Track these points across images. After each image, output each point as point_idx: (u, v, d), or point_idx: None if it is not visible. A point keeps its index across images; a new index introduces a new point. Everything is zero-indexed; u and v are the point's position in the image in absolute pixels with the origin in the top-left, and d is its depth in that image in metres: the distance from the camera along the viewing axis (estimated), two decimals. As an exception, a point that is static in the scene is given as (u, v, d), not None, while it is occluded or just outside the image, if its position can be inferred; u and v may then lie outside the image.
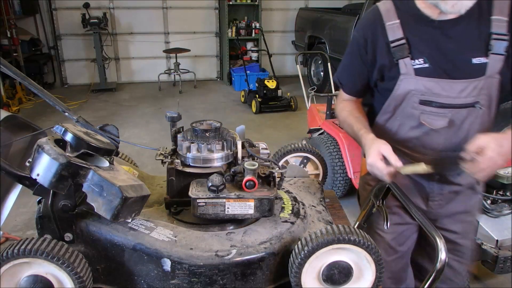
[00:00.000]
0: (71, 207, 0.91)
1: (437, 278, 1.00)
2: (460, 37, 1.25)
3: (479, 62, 1.24)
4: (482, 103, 1.27)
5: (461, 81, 1.25)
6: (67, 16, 7.09)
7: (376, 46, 1.34)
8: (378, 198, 1.33)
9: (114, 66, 7.59)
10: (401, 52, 1.29)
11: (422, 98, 1.29)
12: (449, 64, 1.27)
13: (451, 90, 1.26)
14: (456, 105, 1.27)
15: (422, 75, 1.28)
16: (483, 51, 1.24)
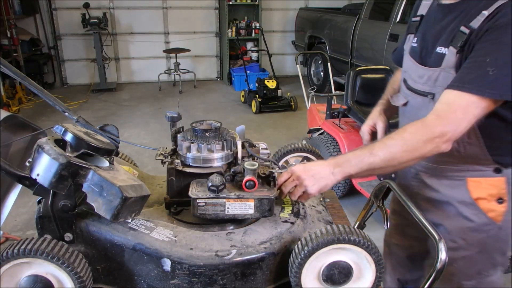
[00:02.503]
0: (71, 207, 0.91)
1: (437, 278, 1.00)
2: (444, 24, 1.19)
3: (439, 52, 1.16)
4: (436, 97, 1.16)
5: (422, 67, 1.22)
6: (67, 16, 7.09)
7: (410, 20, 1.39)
8: (378, 198, 1.33)
9: (114, 66, 7.58)
10: (413, 28, 1.34)
11: (404, 75, 1.34)
12: (425, 48, 1.25)
13: (415, 73, 1.26)
14: (414, 89, 1.25)
15: (410, 54, 1.31)
16: (448, 42, 1.14)
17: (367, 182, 3.23)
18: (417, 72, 1.24)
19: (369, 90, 3.40)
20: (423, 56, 1.25)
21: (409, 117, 1.29)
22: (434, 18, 1.26)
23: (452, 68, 1.13)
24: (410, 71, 1.29)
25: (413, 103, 1.28)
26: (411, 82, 1.28)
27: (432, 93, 1.19)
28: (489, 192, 1.19)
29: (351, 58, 5.55)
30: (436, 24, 1.22)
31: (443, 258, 0.98)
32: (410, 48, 1.32)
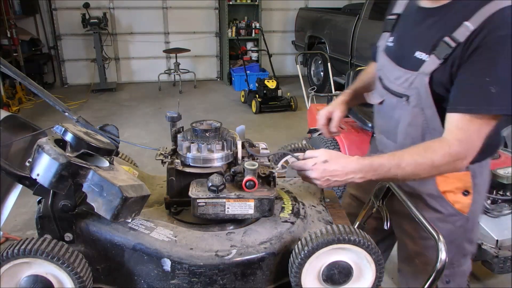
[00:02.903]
0: (71, 207, 0.91)
1: (437, 278, 1.00)
2: (423, 29, 1.21)
3: (419, 57, 1.19)
4: (410, 99, 1.21)
5: (399, 69, 1.25)
6: (67, 16, 7.09)
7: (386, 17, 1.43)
8: (378, 198, 1.33)
9: (114, 66, 7.58)
10: (388, 26, 1.37)
11: (379, 73, 1.36)
12: (401, 50, 1.28)
13: (391, 73, 1.28)
14: (390, 89, 1.29)
15: (386, 52, 1.34)
16: (429, 49, 1.17)
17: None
18: (394, 73, 1.27)
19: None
20: (400, 58, 1.27)
21: (384, 116, 1.36)
22: (412, 20, 1.27)
23: (427, 75, 1.16)
24: (386, 70, 1.32)
25: (389, 102, 1.31)
26: (387, 81, 1.30)
27: (406, 95, 1.22)
28: (456, 185, 1.27)
29: (351, 58, 5.55)
30: (415, 27, 1.24)
31: (443, 258, 0.98)
32: (386, 47, 1.34)
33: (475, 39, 1.06)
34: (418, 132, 1.24)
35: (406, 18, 1.31)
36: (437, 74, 1.14)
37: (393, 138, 1.33)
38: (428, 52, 1.16)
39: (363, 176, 1.08)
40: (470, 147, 1.09)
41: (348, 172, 1.07)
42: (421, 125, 1.23)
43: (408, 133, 1.27)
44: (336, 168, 1.07)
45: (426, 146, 1.12)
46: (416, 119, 1.23)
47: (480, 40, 1.05)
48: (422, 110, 1.21)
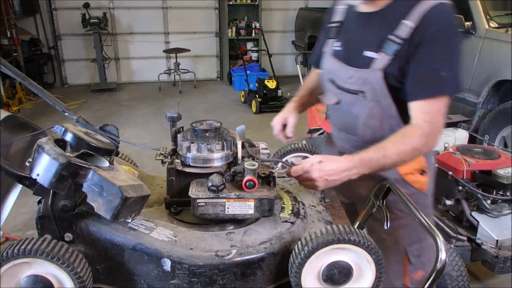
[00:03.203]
0: (71, 207, 0.91)
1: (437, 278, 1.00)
2: (366, 31, 1.35)
3: (368, 56, 1.32)
4: (366, 94, 1.34)
5: (352, 69, 1.37)
6: (67, 16, 7.09)
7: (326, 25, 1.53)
8: (378, 198, 1.33)
9: (114, 66, 7.59)
10: (332, 33, 1.48)
11: (329, 76, 1.47)
12: (351, 52, 1.39)
13: (344, 74, 1.40)
14: (344, 88, 1.40)
15: (334, 56, 1.45)
16: (376, 48, 1.30)
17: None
18: (346, 73, 1.39)
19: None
20: (350, 59, 1.39)
21: (342, 114, 1.47)
22: (355, 25, 1.40)
23: (381, 70, 1.29)
24: (337, 72, 1.43)
25: (345, 100, 1.42)
26: (340, 82, 1.42)
27: (362, 91, 1.35)
28: (413, 167, 1.40)
29: (351, 58, 5.54)
30: (359, 30, 1.38)
31: (443, 258, 0.98)
32: (333, 52, 1.46)
33: (417, 34, 1.22)
34: (377, 122, 1.38)
35: (349, 24, 1.44)
36: (389, 69, 1.28)
37: (354, 132, 1.44)
38: (375, 50, 1.30)
39: (358, 171, 1.17)
40: (437, 126, 1.24)
41: (342, 170, 1.15)
42: (379, 115, 1.36)
43: (368, 125, 1.39)
44: (332, 167, 1.13)
45: (402, 133, 1.24)
46: (374, 111, 1.36)
47: (422, 35, 1.21)
48: (378, 102, 1.34)
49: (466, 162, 2.36)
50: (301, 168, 1.14)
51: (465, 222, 2.41)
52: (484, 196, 2.28)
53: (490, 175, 2.31)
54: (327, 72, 1.49)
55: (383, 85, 1.30)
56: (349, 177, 1.16)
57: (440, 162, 2.50)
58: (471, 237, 2.29)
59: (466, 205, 2.37)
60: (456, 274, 2.07)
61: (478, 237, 2.27)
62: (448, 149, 2.57)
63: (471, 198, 2.38)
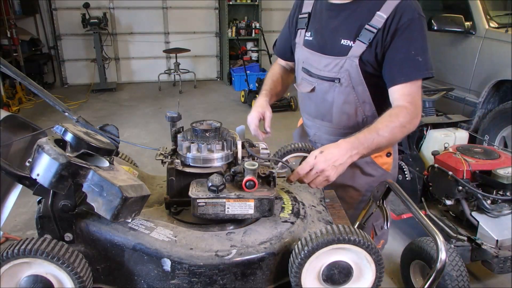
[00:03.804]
0: (71, 207, 0.91)
1: (437, 278, 1.00)
2: (341, 21, 1.43)
3: (345, 44, 1.41)
4: (342, 81, 1.43)
5: (328, 57, 1.45)
6: (67, 16, 7.09)
7: (296, 17, 1.59)
8: (378, 198, 1.33)
9: (114, 66, 7.59)
10: (302, 23, 1.55)
11: (303, 65, 1.54)
12: (325, 41, 1.47)
13: (319, 62, 1.48)
14: (321, 76, 1.48)
15: (306, 46, 1.52)
16: (352, 36, 1.39)
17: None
18: (321, 61, 1.47)
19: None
20: (324, 48, 1.46)
21: (317, 102, 1.55)
22: (327, 15, 1.47)
23: (356, 57, 1.39)
24: (311, 61, 1.51)
25: (320, 88, 1.50)
26: (315, 70, 1.50)
27: (338, 78, 1.44)
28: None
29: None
30: (331, 20, 1.45)
31: (443, 258, 0.98)
32: (305, 42, 1.53)
33: (391, 24, 1.34)
34: (351, 108, 1.47)
35: (319, 14, 1.51)
36: (364, 56, 1.38)
37: (328, 119, 1.54)
38: (352, 39, 1.40)
39: (358, 152, 1.21)
40: (418, 105, 1.35)
41: (345, 153, 1.19)
42: (354, 101, 1.46)
43: (343, 111, 1.49)
44: (334, 153, 1.17)
45: (390, 113, 1.32)
46: (349, 97, 1.45)
47: (396, 25, 1.33)
48: (353, 89, 1.44)
49: (466, 162, 2.36)
50: (306, 164, 1.16)
51: (465, 222, 2.41)
52: (484, 196, 2.28)
53: (490, 175, 2.31)
54: (300, 61, 1.57)
55: (359, 71, 1.40)
56: (352, 159, 1.20)
57: (440, 162, 2.50)
58: (471, 237, 2.29)
59: (466, 205, 2.37)
60: (456, 274, 2.07)
61: (478, 237, 2.27)
62: (448, 149, 2.58)
63: (471, 198, 2.38)
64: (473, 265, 2.43)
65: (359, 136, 1.23)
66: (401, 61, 1.35)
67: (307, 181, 1.17)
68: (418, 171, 2.76)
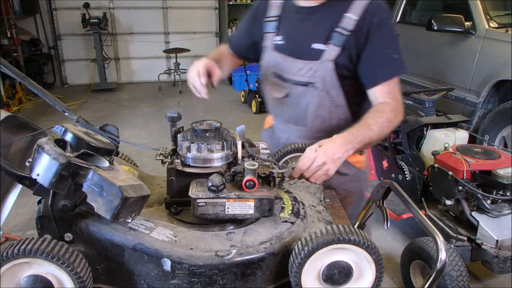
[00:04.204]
0: (71, 207, 0.91)
1: (437, 278, 1.00)
2: (311, 24, 1.41)
3: (317, 48, 1.40)
4: (316, 85, 1.42)
5: (301, 61, 1.43)
6: (67, 16, 7.09)
7: (260, 19, 1.55)
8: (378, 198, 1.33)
9: (114, 66, 7.59)
10: (270, 27, 1.51)
11: (274, 70, 1.51)
12: (297, 45, 1.45)
13: (292, 67, 1.45)
14: (294, 81, 1.46)
15: (277, 50, 1.49)
16: (324, 40, 1.38)
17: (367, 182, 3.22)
18: (294, 66, 1.44)
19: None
20: (297, 52, 1.44)
21: (290, 106, 1.52)
22: (296, 18, 1.45)
23: (331, 61, 1.38)
24: (283, 66, 1.48)
25: (294, 93, 1.48)
26: (288, 75, 1.47)
27: (312, 82, 1.43)
28: None
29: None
30: (302, 23, 1.44)
31: (443, 258, 0.98)
32: (275, 46, 1.50)
33: (363, 26, 1.35)
34: (326, 112, 1.47)
35: (288, 18, 1.48)
36: (339, 59, 1.38)
37: (302, 123, 1.53)
38: (324, 42, 1.39)
39: (352, 146, 1.23)
40: (400, 102, 1.40)
41: (341, 147, 1.20)
42: (328, 105, 1.46)
43: (317, 115, 1.48)
44: (332, 146, 1.19)
45: (376, 110, 1.36)
46: (323, 100, 1.45)
47: (368, 26, 1.34)
48: (327, 93, 1.44)
49: (466, 162, 2.36)
50: (307, 159, 1.16)
51: (465, 222, 2.41)
52: (484, 196, 2.28)
53: (490, 175, 2.31)
54: (270, 66, 1.53)
55: (333, 75, 1.39)
56: (348, 154, 1.22)
57: (440, 162, 2.50)
58: (471, 237, 2.29)
59: (466, 205, 2.37)
60: (456, 274, 2.07)
61: (478, 237, 2.27)
62: (448, 149, 2.58)
63: (471, 198, 2.38)
64: (473, 265, 2.43)
65: (352, 131, 1.26)
66: (379, 61, 1.38)
67: (308, 175, 1.17)
68: (418, 171, 2.76)
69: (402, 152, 2.98)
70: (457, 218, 2.50)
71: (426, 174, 2.67)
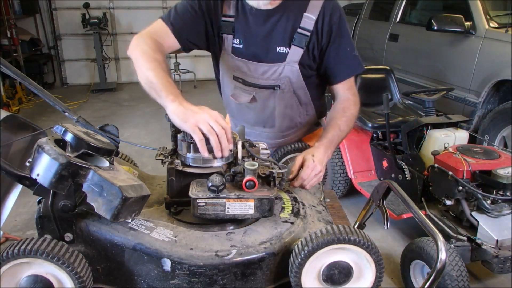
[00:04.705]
0: (71, 207, 0.91)
1: (437, 278, 1.00)
2: (271, 27, 1.38)
3: (281, 52, 1.39)
4: (282, 87, 1.43)
5: (264, 65, 1.41)
6: (67, 16, 7.09)
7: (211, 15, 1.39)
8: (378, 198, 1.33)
9: (114, 66, 7.58)
10: (227, 28, 1.42)
11: (234, 74, 1.47)
12: (258, 49, 1.41)
13: (255, 71, 1.43)
14: (259, 85, 1.45)
15: (236, 54, 1.43)
16: (287, 42, 1.38)
17: (367, 182, 3.23)
18: (257, 69, 1.42)
19: (369, 90, 3.40)
20: (259, 55, 1.41)
21: (257, 110, 1.51)
22: (253, 21, 1.39)
23: (296, 62, 1.39)
24: (244, 69, 1.44)
25: (260, 96, 1.47)
26: (251, 79, 1.45)
27: (278, 84, 1.43)
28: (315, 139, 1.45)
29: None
30: (261, 26, 1.39)
31: (443, 258, 0.98)
32: (234, 49, 1.43)
33: (323, 25, 1.36)
34: (294, 111, 1.50)
35: (244, 21, 1.40)
36: (303, 60, 1.39)
37: (270, 125, 1.54)
38: (286, 45, 1.38)
39: (331, 150, 1.33)
40: (357, 95, 1.47)
41: (325, 153, 1.29)
42: (295, 104, 1.49)
43: (285, 115, 1.51)
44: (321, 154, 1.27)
45: (341, 108, 1.42)
46: (291, 101, 1.47)
47: (328, 25, 1.36)
48: (294, 93, 1.45)
49: (466, 162, 2.36)
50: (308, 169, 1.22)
51: (465, 222, 2.41)
52: (484, 196, 2.28)
53: (490, 175, 2.31)
54: (230, 70, 1.47)
55: (299, 76, 1.41)
56: (328, 158, 1.32)
57: (440, 162, 2.50)
58: (471, 237, 2.29)
59: (466, 205, 2.37)
60: (456, 274, 2.07)
61: (478, 237, 2.27)
62: (448, 149, 2.57)
63: (471, 198, 2.38)
64: (473, 265, 2.43)
65: (328, 137, 1.34)
66: (342, 59, 1.42)
67: (307, 183, 1.23)
68: (418, 171, 2.76)
69: (402, 152, 2.97)
70: (457, 218, 2.50)
71: (426, 174, 2.67)
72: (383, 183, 1.31)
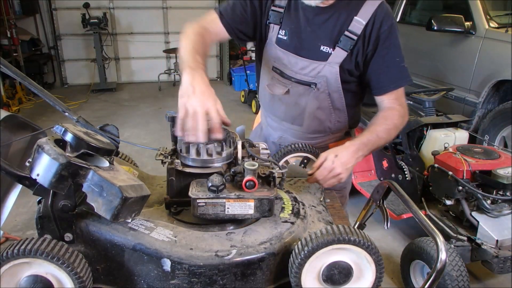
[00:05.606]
0: (71, 207, 0.91)
1: (437, 278, 1.00)
2: (319, 24, 1.38)
3: (324, 51, 1.38)
4: (318, 86, 1.41)
5: (304, 60, 1.41)
6: (67, 16, 7.09)
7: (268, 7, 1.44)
8: (378, 198, 1.33)
9: (114, 66, 7.59)
10: (275, 18, 1.43)
11: (274, 64, 1.47)
12: (301, 43, 1.41)
13: (295, 65, 1.42)
14: (295, 79, 1.44)
15: (279, 45, 1.44)
16: (332, 43, 1.37)
17: (367, 182, 3.23)
18: (297, 63, 1.42)
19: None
20: (301, 50, 1.41)
21: (289, 104, 1.50)
22: (303, 16, 1.40)
23: (337, 64, 1.37)
24: (284, 61, 1.44)
25: (295, 91, 1.46)
26: (290, 72, 1.45)
27: (314, 82, 1.41)
28: None
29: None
30: (309, 23, 1.39)
31: (443, 258, 0.98)
32: (278, 40, 1.44)
33: (371, 32, 1.33)
34: (325, 114, 1.47)
35: (294, 13, 1.42)
36: (344, 64, 1.37)
37: (298, 123, 1.52)
38: (331, 46, 1.37)
39: (362, 153, 1.28)
40: (405, 106, 1.42)
41: (353, 156, 1.25)
42: (328, 107, 1.46)
43: (316, 116, 1.48)
44: (347, 156, 1.23)
45: (384, 116, 1.39)
46: (324, 103, 1.45)
47: (377, 32, 1.33)
48: (328, 95, 1.43)
49: (466, 162, 2.36)
50: (325, 170, 1.21)
51: (465, 222, 2.41)
52: (484, 196, 2.29)
53: (490, 175, 2.31)
54: (271, 60, 1.49)
55: (338, 78, 1.38)
56: (357, 161, 1.26)
57: (440, 162, 2.50)
58: (471, 237, 2.30)
59: (466, 205, 2.37)
60: (456, 274, 2.07)
61: (478, 237, 2.27)
62: (448, 149, 2.58)
63: (471, 198, 2.38)
64: (473, 265, 2.43)
65: (363, 139, 1.29)
66: (389, 70, 1.38)
67: (323, 182, 1.23)
68: (418, 171, 2.76)
69: (402, 152, 2.98)
70: (457, 218, 2.50)
71: (426, 174, 2.67)
72: (383, 183, 1.31)
